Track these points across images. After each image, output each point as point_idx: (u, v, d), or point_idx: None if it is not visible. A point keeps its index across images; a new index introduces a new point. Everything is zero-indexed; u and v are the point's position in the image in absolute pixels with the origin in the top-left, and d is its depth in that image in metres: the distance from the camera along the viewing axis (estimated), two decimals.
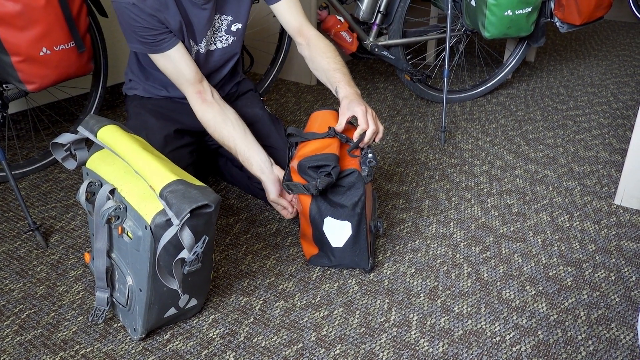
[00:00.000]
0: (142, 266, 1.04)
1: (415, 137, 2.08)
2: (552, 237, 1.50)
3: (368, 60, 2.93)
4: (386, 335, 1.17)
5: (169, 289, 1.07)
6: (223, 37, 1.49)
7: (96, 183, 1.10)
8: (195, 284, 1.12)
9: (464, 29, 2.30)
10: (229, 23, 1.48)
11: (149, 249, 1.01)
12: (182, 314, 1.17)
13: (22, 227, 1.52)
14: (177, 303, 1.13)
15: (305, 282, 1.32)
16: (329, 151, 1.25)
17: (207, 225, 1.02)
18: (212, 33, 1.46)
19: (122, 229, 1.05)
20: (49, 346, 1.13)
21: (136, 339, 1.14)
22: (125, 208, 1.04)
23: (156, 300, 1.08)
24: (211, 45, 1.48)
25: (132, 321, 1.12)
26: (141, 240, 1.02)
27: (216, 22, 1.46)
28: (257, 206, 1.63)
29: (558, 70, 2.83)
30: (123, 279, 1.09)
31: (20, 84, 1.51)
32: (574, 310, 1.24)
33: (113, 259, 1.11)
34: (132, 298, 1.09)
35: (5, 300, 1.25)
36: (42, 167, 1.80)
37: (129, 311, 1.11)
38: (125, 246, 1.06)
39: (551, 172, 1.84)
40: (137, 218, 1.02)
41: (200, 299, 1.18)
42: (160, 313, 1.11)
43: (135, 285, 1.07)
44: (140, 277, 1.06)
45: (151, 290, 1.06)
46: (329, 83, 1.42)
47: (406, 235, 1.50)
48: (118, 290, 1.13)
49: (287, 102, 2.40)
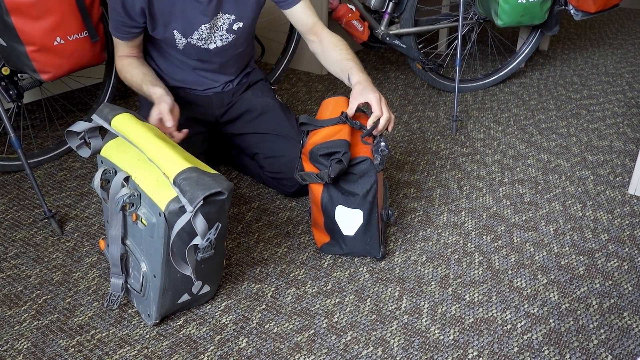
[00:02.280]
0: (156, 253, 1.06)
1: (427, 126, 2.07)
2: (565, 227, 1.49)
3: (379, 50, 2.91)
4: (397, 322, 1.18)
5: (183, 275, 1.09)
6: (224, 36, 1.48)
7: (110, 171, 1.12)
8: (208, 271, 1.14)
9: (477, 17, 2.28)
10: (231, 22, 1.47)
11: (163, 235, 1.03)
12: (195, 300, 1.19)
13: (37, 214, 1.54)
14: (191, 289, 1.14)
15: (316, 270, 1.33)
16: (339, 137, 1.25)
17: (219, 213, 1.03)
18: (212, 31, 1.45)
19: (136, 216, 1.06)
20: (66, 331, 1.15)
21: (150, 325, 1.16)
22: (140, 195, 1.06)
23: (170, 287, 1.10)
24: (210, 43, 1.48)
25: (146, 307, 1.14)
26: (155, 227, 1.03)
27: (218, 21, 1.44)
28: (268, 195, 1.64)
29: (572, 58, 2.80)
30: (137, 266, 1.11)
31: (34, 74, 1.53)
32: (585, 299, 1.24)
33: (127, 245, 1.13)
34: (147, 284, 1.10)
35: (22, 286, 1.28)
36: (57, 156, 1.83)
37: (143, 297, 1.13)
38: (140, 233, 1.08)
39: (564, 161, 1.82)
40: (151, 205, 1.04)
41: (213, 285, 1.19)
42: (173, 299, 1.13)
43: (150, 271, 1.09)
44: (155, 263, 1.07)
45: (165, 277, 1.08)
46: (341, 72, 1.42)
47: (417, 224, 1.50)
48: (132, 277, 1.14)
49: (298, 92, 2.40)
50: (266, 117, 1.58)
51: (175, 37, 1.44)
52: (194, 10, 1.39)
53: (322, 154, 1.24)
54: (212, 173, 1.03)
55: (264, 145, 1.57)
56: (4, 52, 1.51)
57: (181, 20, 1.41)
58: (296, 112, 2.19)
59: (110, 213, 1.10)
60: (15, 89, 1.63)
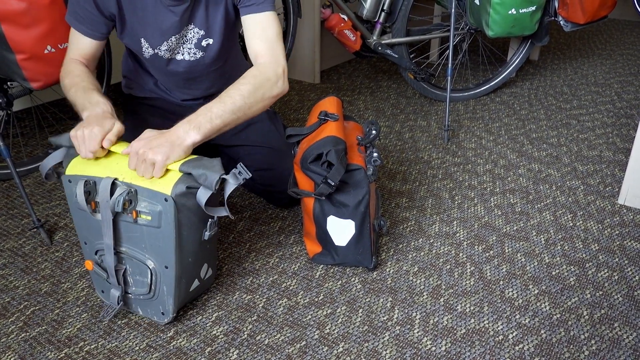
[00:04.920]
0: (166, 242, 1.06)
1: (419, 135, 2.08)
2: (556, 237, 1.50)
3: (371, 59, 2.93)
4: (389, 333, 1.17)
5: (193, 260, 1.13)
6: (192, 51, 1.37)
7: (91, 182, 1.08)
8: (211, 251, 1.18)
9: (468, 27, 2.30)
10: (200, 37, 1.35)
11: (173, 219, 1.04)
12: (202, 286, 1.21)
13: (26, 224, 1.52)
14: (199, 274, 1.18)
15: (308, 280, 1.32)
16: (324, 135, 1.25)
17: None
18: (180, 42, 1.35)
19: (136, 213, 1.06)
20: (54, 342, 1.14)
21: (165, 322, 1.16)
22: (136, 191, 1.06)
23: (183, 274, 1.12)
24: (177, 54, 1.37)
25: (158, 305, 1.15)
26: (162, 214, 1.04)
27: (188, 32, 1.34)
28: (260, 204, 1.63)
29: (562, 69, 2.82)
30: (141, 268, 1.11)
31: (24, 82, 1.51)
32: (576, 309, 1.24)
33: (123, 253, 1.12)
34: (157, 280, 1.11)
35: (10, 297, 1.26)
36: None
37: (153, 298, 1.13)
38: (140, 231, 1.08)
39: (555, 171, 1.83)
40: (152, 196, 1.04)
41: (213, 268, 1.23)
42: (187, 287, 1.15)
43: (160, 265, 1.09)
44: (165, 254, 1.08)
45: (178, 264, 1.09)
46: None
47: (409, 234, 1.50)
48: (134, 284, 1.14)
49: (291, 100, 2.40)
50: (254, 128, 1.56)
51: (143, 45, 1.35)
52: (166, 22, 1.30)
53: (311, 161, 1.24)
54: (208, 158, 1.07)
55: (254, 158, 1.55)
56: None
57: (152, 30, 1.32)
58: (288, 121, 2.19)
59: (105, 222, 1.08)
60: (5, 97, 1.62)
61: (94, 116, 1.11)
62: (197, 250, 1.13)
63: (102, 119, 1.10)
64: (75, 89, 1.21)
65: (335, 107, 1.38)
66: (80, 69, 1.27)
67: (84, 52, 1.32)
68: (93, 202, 1.08)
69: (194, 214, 1.07)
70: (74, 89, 1.21)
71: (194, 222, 1.09)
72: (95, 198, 1.08)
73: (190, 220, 1.07)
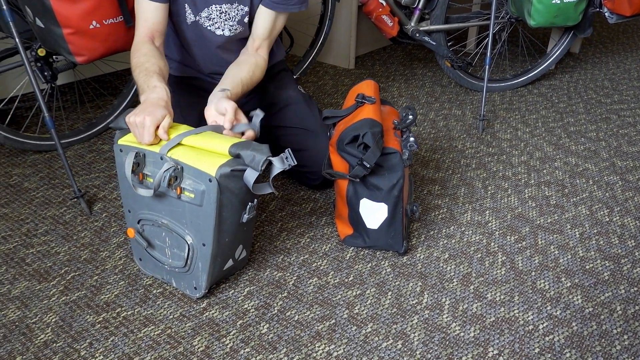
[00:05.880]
0: (206, 220, 1.09)
1: (453, 124, 2.06)
2: (591, 231, 1.47)
3: (407, 46, 2.90)
4: (418, 317, 1.18)
5: (230, 241, 1.15)
6: (233, 27, 1.44)
7: (141, 154, 1.13)
8: (247, 233, 1.21)
9: (509, 16, 2.25)
10: (243, 14, 1.42)
11: (215, 200, 1.07)
12: (235, 267, 1.24)
13: (67, 194, 1.58)
14: (234, 254, 1.20)
15: (338, 262, 1.33)
16: (360, 117, 1.25)
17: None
18: (223, 18, 1.41)
19: (180, 189, 1.09)
20: (93, 307, 1.18)
21: (197, 297, 1.19)
22: (182, 169, 1.08)
23: (219, 252, 1.15)
24: (217, 29, 1.43)
25: (192, 280, 1.18)
26: (205, 193, 1.07)
27: (232, 10, 1.41)
28: (292, 185, 1.65)
29: (603, 62, 2.75)
30: (179, 242, 1.14)
31: (70, 56, 1.56)
32: (610, 304, 1.22)
33: (165, 225, 1.15)
34: (194, 256, 1.14)
35: (51, 262, 1.31)
36: (87, 138, 1.86)
37: (188, 272, 1.17)
38: (182, 207, 1.11)
39: (592, 165, 1.80)
40: (197, 174, 1.07)
41: (247, 250, 1.26)
42: (221, 265, 1.18)
43: (197, 241, 1.13)
44: (204, 231, 1.11)
45: (215, 243, 1.12)
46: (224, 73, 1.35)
47: (441, 221, 1.49)
48: (172, 256, 1.18)
49: (325, 85, 2.40)
50: (289, 110, 1.57)
51: (186, 10, 1.39)
52: None
53: (347, 142, 1.25)
54: (254, 142, 1.11)
55: (288, 139, 1.57)
56: (41, 33, 1.54)
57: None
58: (322, 105, 2.20)
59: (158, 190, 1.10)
60: (50, 70, 1.67)
61: (149, 103, 1.14)
62: (235, 232, 1.16)
63: (155, 106, 1.13)
64: (139, 70, 1.24)
65: (372, 90, 1.38)
66: (147, 48, 1.30)
67: (151, 23, 1.33)
68: (141, 173, 1.12)
69: (235, 197, 1.10)
70: (138, 70, 1.25)
71: (235, 204, 1.11)
72: (143, 170, 1.11)
73: (231, 202, 1.10)
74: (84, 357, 1.06)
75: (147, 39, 1.33)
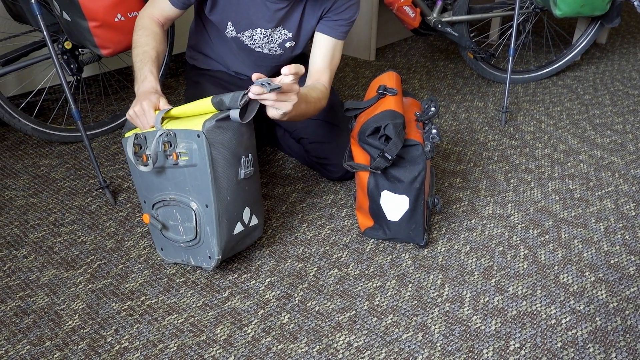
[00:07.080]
0: (203, 178, 1.13)
1: (475, 116, 2.04)
2: (616, 225, 1.45)
3: (428, 37, 2.87)
4: (438, 309, 1.18)
5: (232, 200, 1.18)
6: (274, 49, 1.48)
7: (141, 136, 1.17)
8: (252, 197, 1.23)
9: (533, 6, 2.21)
10: (286, 39, 1.46)
11: (207, 154, 1.11)
12: (248, 233, 1.25)
13: (92, 184, 1.61)
14: (242, 217, 1.22)
15: (359, 253, 1.34)
16: (382, 109, 1.25)
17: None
18: (265, 40, 1.45)
19: (176, 155, 1.13)
20: (118, 295, 1.21)
21: (212, 267, 1.21)
22: (175, 134, 1.13)
23: (223, 213, 1.17)
24: (258, 47, 1.47)
25: (205, 250, 1.20)
26: (197, 151, 1.11)
27: (276, 33, 1.44)
28: (313, 177, 1.66)
29: (631, 53, 2.68)
30: (187, 213, 1.17)
31: (95, 49, 1.58)
32: (635, 299, 1.21)
33: (173, 200, 1.18)
34: (201, 222, 1.17)
35: (78, 251, 1.34)
36: (111, 129, 1.90)
37: (199, 243, 1.19)
38: (183, 174, 1.15)
39: (618, 158, 1.76)
40: (187, 134, 1.12)
41: (260, 218, 1.28)
42: (229, 228, 1.19)
43: (201, 204, 1.15)
44: (204, 191, 1.14)
45: (216, 201, 1.14)
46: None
47: (462, 214, 1.49)
48: (184, 231, 1.20)
49: (345, 77, 2.39)
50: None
51: (228, 27, 1.43)
52: (259, 14, 1.38)
53: (369, 134, 1.24)
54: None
55: (310, 131, 1.57)
56: (68, 26, 1.57)
57: (241, 17, 1.40)
58: (343, 97, 2.19)
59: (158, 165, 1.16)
60: (76, 62, 1.70)
61: (141, 93, 1.22)
62: (235, 189, 1.18)
63: (148, 94, 1.20)
64: (137, 51, 1.30)
65: (394, 81, 1.37)
66: (151, 29, 1.35)
67: (162, 12, 1.39)
68: (144, 155, 1.15)
69: (226, 149, 1.14)
70: (137, 50, 1.31)
71: (227, 158, 1.14)
72: (145, 151, 1.15)
73: (223, 156, 1.14)
74: (110, 344, 1.09)
75: (157, 20, 1.38)
